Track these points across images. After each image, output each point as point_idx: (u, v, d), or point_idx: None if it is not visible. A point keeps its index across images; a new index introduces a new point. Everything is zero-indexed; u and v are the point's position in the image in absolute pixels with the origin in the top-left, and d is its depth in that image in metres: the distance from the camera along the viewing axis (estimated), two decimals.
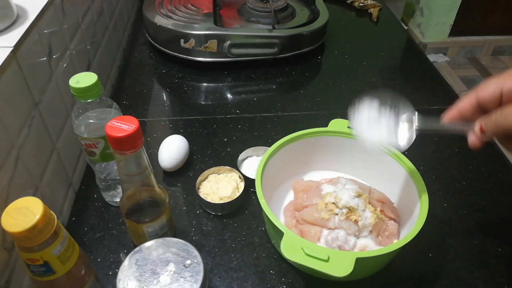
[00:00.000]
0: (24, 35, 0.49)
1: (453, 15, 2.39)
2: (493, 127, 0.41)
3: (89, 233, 0.58)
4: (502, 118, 0.40)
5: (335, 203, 0.52)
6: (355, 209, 0.51)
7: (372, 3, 1.15)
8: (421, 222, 0.47)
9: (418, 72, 0.93)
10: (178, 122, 0.77)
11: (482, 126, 0.42)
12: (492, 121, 0.41)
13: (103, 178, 0.58)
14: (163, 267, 0.41)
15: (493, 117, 0.41)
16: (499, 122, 0.41)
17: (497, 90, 0.43)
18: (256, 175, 0.53)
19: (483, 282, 0.52)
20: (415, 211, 0.52)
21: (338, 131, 0.60)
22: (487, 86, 0.44)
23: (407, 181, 0.55)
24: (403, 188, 0.56)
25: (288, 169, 0.63)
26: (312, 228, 0.52)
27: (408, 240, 0.45)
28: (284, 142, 0.58)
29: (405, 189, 0.55)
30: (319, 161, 0.64)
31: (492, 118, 0.41)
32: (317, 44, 0.95)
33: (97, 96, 0.50)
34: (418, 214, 0.49)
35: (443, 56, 2.54)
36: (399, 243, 0.46)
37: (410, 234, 0.46)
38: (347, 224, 0.51)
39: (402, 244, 0.45)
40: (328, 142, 0.61)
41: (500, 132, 0.41)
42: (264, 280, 0.52)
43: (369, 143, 0.49)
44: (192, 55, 0.87)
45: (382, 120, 0.48)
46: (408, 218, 0.54)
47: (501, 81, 0.43)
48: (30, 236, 0.34)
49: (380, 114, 0.48)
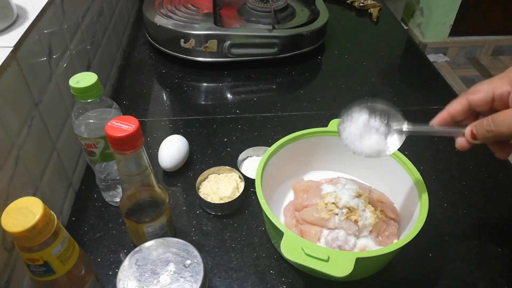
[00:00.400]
0: (24, 35, 0.49)
1: (453, 15, 2.39)
2: (484, 133, 0.42)
3: (89, 233, 0.58)
4: (494, 125, 0.41)
5: (335, 203, 0.52)
6: (355, 209, 0.51)
7: (372, 3, 1.15)
8: (421, 222, 0.47)
9: (418, 72, 0.93)
10: (178, 122, 0.77)
11: (473, 131, 0.43)
12: (484, 127, 0.42)
13: (103, 178, 0.58)
14: (163, 267, 0.41)
15: (484, 123, 0.42)
16: (491, 128, 0.41)
17: (489, 94, 0.43)
18: (256, 175, 0.53)
19: (483, 282, 0.52)
20: (415, 211, 0.52)
21: None
22: (478, 90, 0.44)
23: (407, 181, 0.55)
24: (403, 188, 0.56)
25: (288, 169, 0.63)
26: (312, 228, 0.52)
27: (408, 240, 0.45)
28: (284, 142, 0.58)
29: (405, 189, 0.55)
30: (319, 161, 0.64)
31: (484, 124, 0.42)
32: (317, 44, 0.95)
33: (97, 96, 0.50)
34: (418, 214, 0.49)
35: (443, 56, 2.54)
36: (399, 243, 0.46)
37: (410, 234, 0.46)
38: (347, 224, 0.51)
39: (402, 244, 0.45)
40: (328, 142, 0.61)
41: (490, 138, 0.42)
42: (264, 280, 0.52)
43: (358, 153, 0.49)
44: (192, 55, 0.87)
45: (371, 130, 0.48)
46: (408, 218, 0.54)
47: (492, 85, 0.43)
48: (30, 236, 0.34)
49: (369, 123, 0.48)
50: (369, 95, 0.84)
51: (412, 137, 0.50)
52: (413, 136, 0.48)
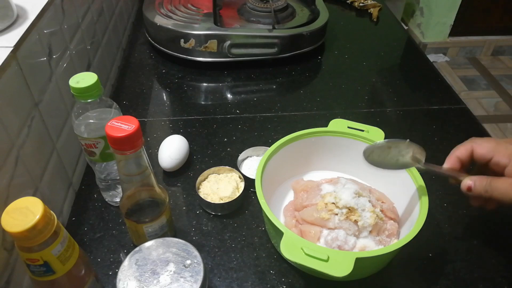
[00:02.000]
0: (24, 35, 0.49)
1: (453, 15, 2.39)
2: (481, 191, 0.46)
3: (89, 233, 0.58)
4: (490, 189, 0.46)
5: (335, 203, 0.52)
6: (355, 209, 0.51)
7: (372, 3, 1.15)
8: (421, 222, 0.47)
9: (418, 72, 0.93)
10: (178, 122, 0.77)
11: (471, 185, 0.47)
12: (483, 187, 0.46)
13: (103, 178, 0.58)
14: (163, 267, 0.41)
15: (484, 184, 0.46)
16: (487, 191, 0.46)
17: (489, 155, 0.48)
18: (256, 175, 0.53)
19: (483, 282, 0.52)
20: (414, 210, 0.52)
21: (338, 131, 0.60)
22: (483, 146, 0.49)
23: (407, 181, 0.55)
24: (403, 188, 0.56)
25: (288, 169, 0.63)
26: (312, 228, 0.52)
27: (408, 240, 0.45)
28: (284, 142, 0.58)
29: (405, 189, 0.55)
30: (319, 161, 0.64)
31: (483, 185, 0.46)
32: (317, 44, 0.95)
33: (97, 96, 0.50)
34: (418, 214, 0.49)
35: (443, 56, 2.54)
36: (399, 243, 0.46)
37: (410, 234, 0.46)
38: (347, 224, 0.51)
39: (402, 244, 0.45)
40: (328, 142, 0.61)
41: (485, 197, 0.46)
42: (264, 280, 0.52)
43: (374, 166, 0.53)
44: (192, 55, 0.87)
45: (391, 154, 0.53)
46: (408, 218, 0.54)
47: (496, 149, 0.48)
48: (30, 236, 0.34)
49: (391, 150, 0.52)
50: (369, 95, 0.84)
51: (412, 136, 0.50)
52: (412, 136, 0.48)
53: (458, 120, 0.78)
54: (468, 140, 0.51)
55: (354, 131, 0.60)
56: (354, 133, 0.60)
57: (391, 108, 0.81)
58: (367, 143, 0.59)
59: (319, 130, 0.60)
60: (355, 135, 0.60)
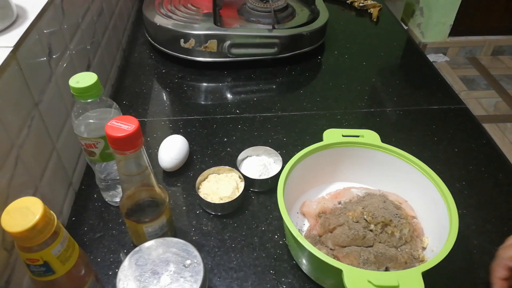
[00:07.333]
0: (24, 35, 0.49)
1: (453, 15, 2.39)
2: None
3: (89, 233, 0.58)
4: None
5: (366, 218, 0.50)
6: (390, 220, 0.50)
7: (372, 3, 1.15)
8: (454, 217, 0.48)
9: (418, 72, 0.93)
10: (178, 122, 0.77)
11: None
12: None
13: (103, 178, 0.58)
14: (163, 267, 0.41)
15: None
16: None
17: None
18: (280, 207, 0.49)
19: (483, 282, 0.52)
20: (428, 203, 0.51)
21: (334, 142, 0.58)
22: None
23: (419, 176, 0.54)
24: (408, 181, 0.55)
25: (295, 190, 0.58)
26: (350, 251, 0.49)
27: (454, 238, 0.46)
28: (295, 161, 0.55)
29: (411, 182, 0.55)
30: (318, 176, 0.61)
31: None
32: (317, 44, 0.95)
33: (97, 96, 0.50)
34: (436, 205, 0.49)
35: (443, 56, 2.54)
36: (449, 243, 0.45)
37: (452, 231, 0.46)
38: (385, 237, 0.49)
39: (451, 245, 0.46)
40: (327, 155, 0.59)
41: None
42: (264, 280, 0.52)
43: None
44: (192, 55, 0.87)
45: None
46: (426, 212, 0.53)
47: None
48: (30, 236, 0.34)
49: None
50: (369, 95, 0.84)
51: (412, 136, 0.50)
52: (412, 136, 0.48)
53: (458, 120, 0.78)
54: (498, 258, 0.49)
55: (350, 139, 0.58)
56: (350, 140, 0.58)
57: (391, 108, 0.81)
58: (365, 148, 0.58)
59: (316, 147, 0.57)
60: (351, 142, 0.58)
